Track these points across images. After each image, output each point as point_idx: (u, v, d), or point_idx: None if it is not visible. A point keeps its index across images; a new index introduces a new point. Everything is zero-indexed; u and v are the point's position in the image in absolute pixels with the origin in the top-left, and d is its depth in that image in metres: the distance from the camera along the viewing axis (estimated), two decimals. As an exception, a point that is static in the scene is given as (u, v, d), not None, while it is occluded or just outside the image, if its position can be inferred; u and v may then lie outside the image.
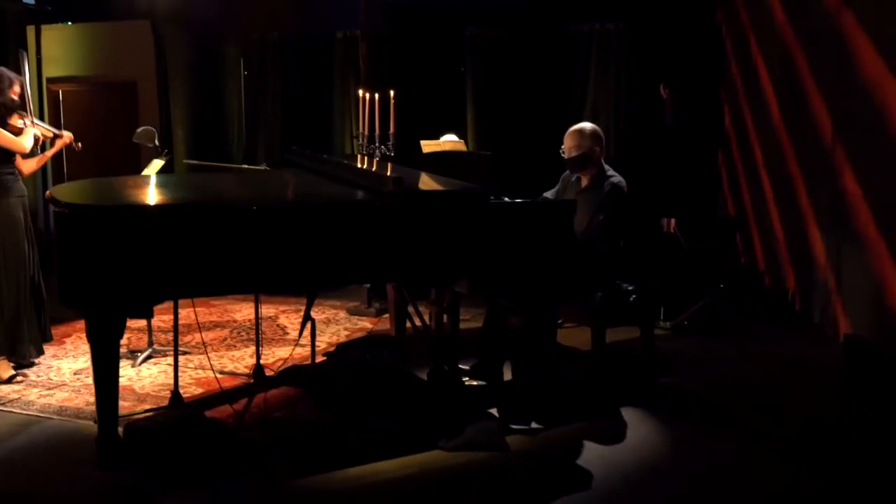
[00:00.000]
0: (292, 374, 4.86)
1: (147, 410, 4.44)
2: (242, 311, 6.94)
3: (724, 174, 8.72)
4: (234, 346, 5.81)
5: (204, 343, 5.49)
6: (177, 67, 9.15)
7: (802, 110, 6.26)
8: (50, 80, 9.19)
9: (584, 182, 4.81)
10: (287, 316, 6.74)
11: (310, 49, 8.81)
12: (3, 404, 4.60)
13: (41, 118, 9.16)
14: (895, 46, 4.87)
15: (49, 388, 4.87)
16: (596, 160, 4.76)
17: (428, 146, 5.22)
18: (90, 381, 4.42)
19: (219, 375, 4.96)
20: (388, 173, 4.05)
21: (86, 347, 4.59)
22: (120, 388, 4.77)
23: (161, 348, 5.57)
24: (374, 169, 4.89)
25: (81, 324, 5.44)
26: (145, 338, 5.51)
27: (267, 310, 6.88)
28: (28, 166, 5.18)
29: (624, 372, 4.98)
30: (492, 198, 4.04)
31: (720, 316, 6.24)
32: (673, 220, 6.24)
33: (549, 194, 5.02)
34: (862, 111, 5.25)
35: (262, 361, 5.04)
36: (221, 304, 7.12)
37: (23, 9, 8.41)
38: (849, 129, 5.53)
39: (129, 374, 5.08)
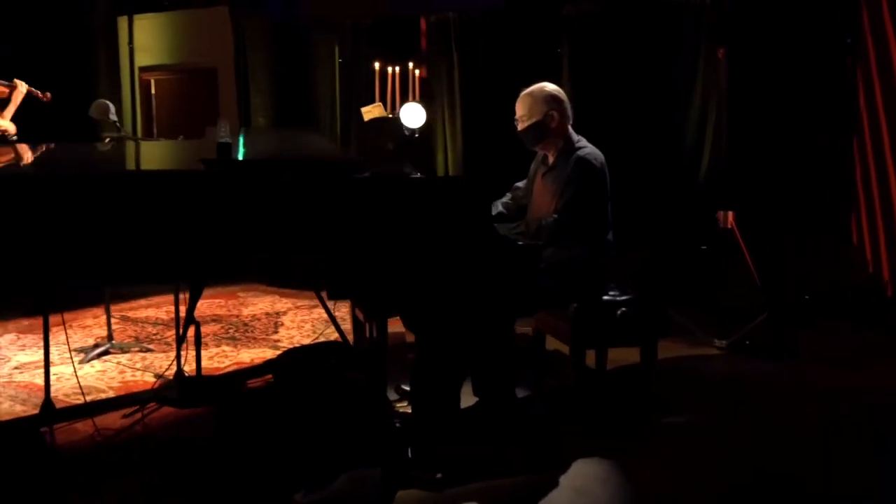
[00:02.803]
0: (201, 385, 4.13)
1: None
2: (258, 304, 6.36)
3: (858, 166, 7.39)
4: (205, 345, 5.05)
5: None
6: (258, 54, 8.88)
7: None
8: (142, 70, 9.15)
9: (551, 159, 3.79)
10: (297, 312, 6.07)
11: (402, 34, 8.31)
12: None
13: (133, 108, 9.13)
14: None
15: None
16: (556, 130, 3.72)
17: (367, 112, 4.38)
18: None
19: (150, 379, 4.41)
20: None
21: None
22: (26, 387, 4.30)
23: (122, 344, 5.07)
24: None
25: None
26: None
27: (282, 304, 6.34)
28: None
29: (611, 408, 3.90)
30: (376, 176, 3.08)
31: (797, 334, 4.96)
32: (730, 214, 5.00)
33: (521, 184, 4.03)
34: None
35: (230, 364, 4.55)
36: (244, 297, 6.56)
37: None
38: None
39: (62, 371, 4.52)
